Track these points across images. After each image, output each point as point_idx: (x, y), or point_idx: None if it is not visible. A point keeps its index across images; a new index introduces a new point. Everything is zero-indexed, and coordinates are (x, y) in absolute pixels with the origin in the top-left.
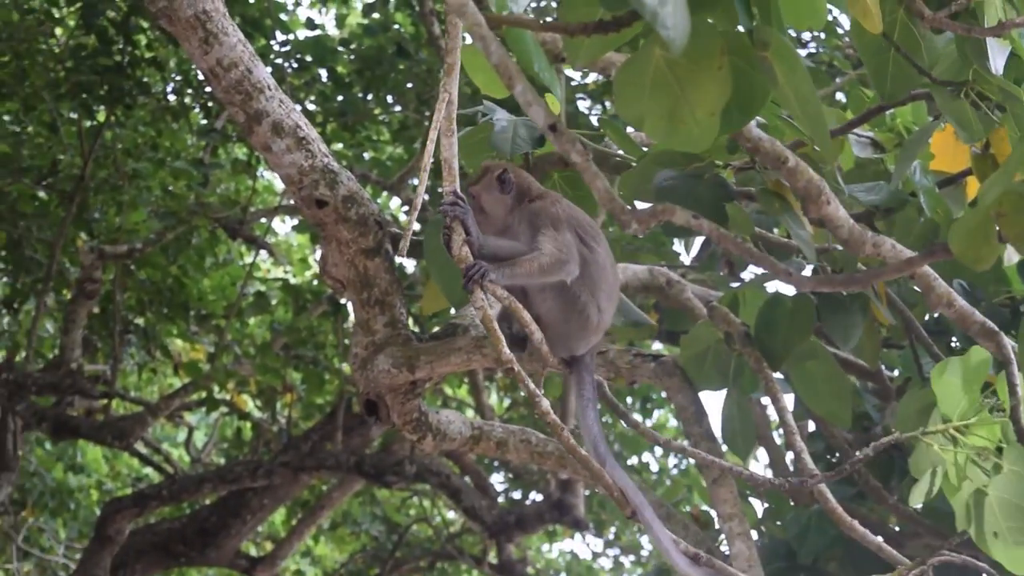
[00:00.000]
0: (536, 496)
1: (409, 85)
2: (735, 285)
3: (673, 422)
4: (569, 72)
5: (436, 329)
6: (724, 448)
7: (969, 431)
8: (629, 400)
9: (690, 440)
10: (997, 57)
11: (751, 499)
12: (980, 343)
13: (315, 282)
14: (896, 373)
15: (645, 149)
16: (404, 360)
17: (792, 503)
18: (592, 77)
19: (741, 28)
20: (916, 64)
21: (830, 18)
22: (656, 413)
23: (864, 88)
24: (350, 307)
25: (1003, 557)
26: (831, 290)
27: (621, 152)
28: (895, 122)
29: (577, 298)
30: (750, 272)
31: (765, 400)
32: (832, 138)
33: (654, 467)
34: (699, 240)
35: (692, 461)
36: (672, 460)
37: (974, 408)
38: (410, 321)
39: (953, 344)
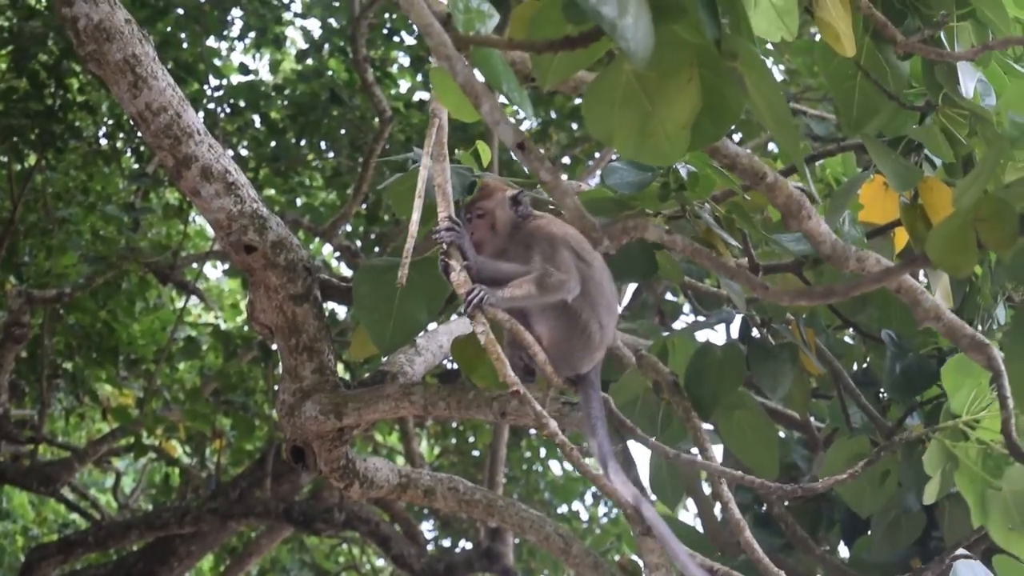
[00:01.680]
0: (466, 544)
1: (342, 131)
2: (664, 334)
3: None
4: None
5: (366, 376)
6: (653, 497)
7: (979, 426)
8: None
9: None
10: (967, 81)
11: None
12: (970, 356)
13: (245, 328)
14: (824, 424)
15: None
16: (331, 407)
17: (719, 553)
18: (527, 125)
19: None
20: (884, 89)
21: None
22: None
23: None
24: (279, 355)
25: (1021, 551)
26: (809, 303)
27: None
28: (824, 173)
29: (579, 316)
30: (681, 322)
31: (693, 450)
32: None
33: (584, 516)
34: (631, 288)
35: (619, 512)
36: (602, 509)
37: (983, 402)
38: (340, 367)
39: (880, 395)
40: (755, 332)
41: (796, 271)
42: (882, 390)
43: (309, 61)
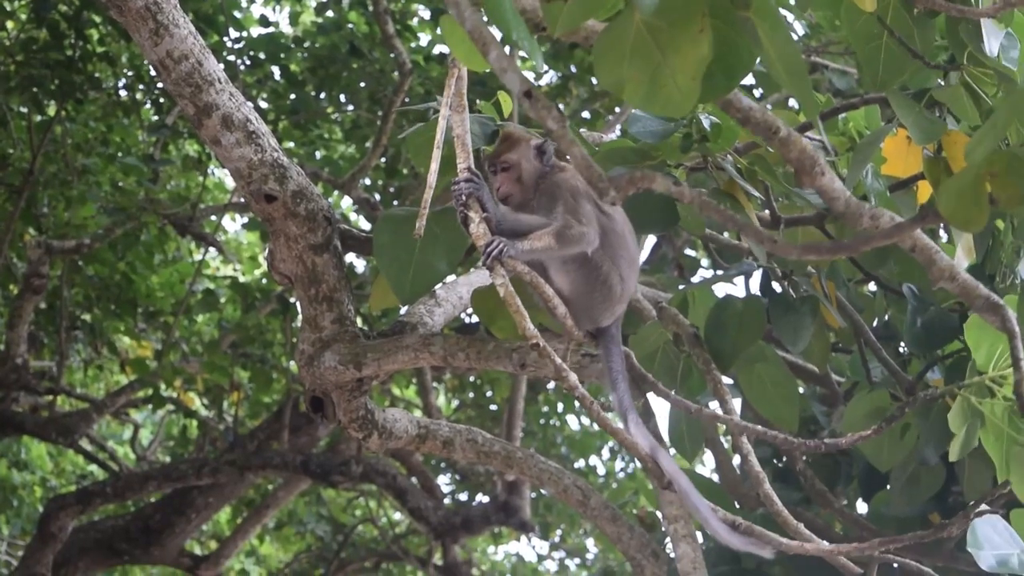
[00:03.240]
0: (483, 498)
1: (362, 84)
2: (683, 287)
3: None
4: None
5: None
6: (672, 451)
7: (1005, 382)
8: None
9: None
10: (992, 39)
11: None
12: (984, 317)
13: (264, 280)
14: (843, 379)
15: (596, 148)
16: (351, 357)
17: (737, 506)
18: (546, 80)
19: None
20: (911, 48)
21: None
22: None
23: (816, 93)
24: (299, 305)
25: None
26: (818, 258)
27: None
28: (847, 126)
29: (599, 268)
30: (700, 276)
31: (713, 403)
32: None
33: (601, 470)
34: (650, 241)
35: (638, 465)
36: (619, 464)
37: (1008, 360)
38: (358, 320)
39: (901, 349)
40: (775, 285)
41: (819, 224)
42: (902, 344)
43: (329, 13)
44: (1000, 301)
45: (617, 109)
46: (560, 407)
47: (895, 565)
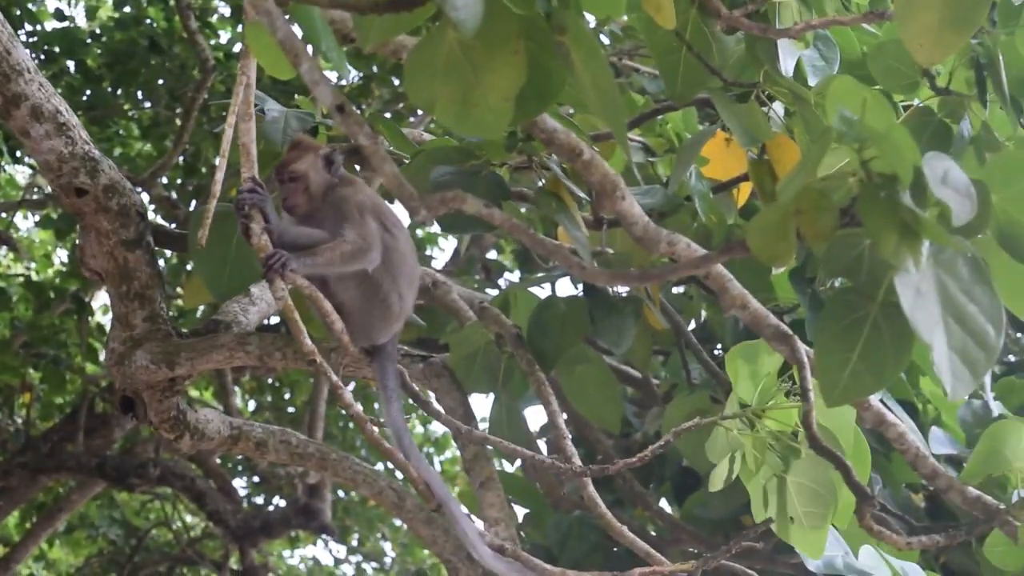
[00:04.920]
0: (280, 501)
1: (161, 81)
2: (492, 291)
3: (419, 428)
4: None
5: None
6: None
7: (766, 415)
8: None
9: (458, 443)
10: (787, 59)
11: (513, 505)
12: (773, 346)
13: (58, 279)
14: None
15: (418, 146)
16: (163, 356)
17: (554, 509)
18: (352, 77)
19: (539, 11)
20: (708, 64)
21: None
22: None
23: (634, 93)
24: (94, 304)
25: (800, 541)
26: (625, 284)
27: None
28: (665, 127)
29: (379, 286)
30: (505, 279)
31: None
32: (604, 141)
33: (400, 475)
34: (453, 243)
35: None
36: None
37: (770, 393)
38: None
39: (717, 352)
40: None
41: None
42: (718, 347)
43: (127, 8)
44: (789, 331)
45: (419, 111)
46: (359, 408)
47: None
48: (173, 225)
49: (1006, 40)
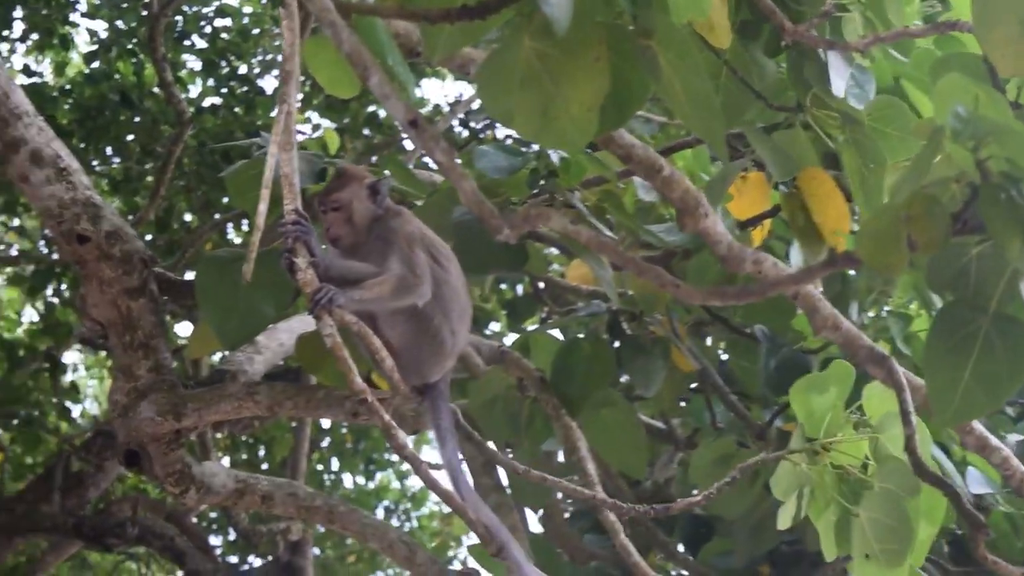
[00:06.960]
0: (254, 561)
1: (131, 137)
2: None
3: (396, 483)
4: None
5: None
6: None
7: (835, 449)
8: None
9: (479, 491)
10: (839, 79)
11: None
12: (868, 369)
13: (28, 338)
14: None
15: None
16: (169, 407)
17: (568, 559)
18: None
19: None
20: (752, 88)
21: None
22: (378, 475)
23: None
24: (66, 359)
25: None
26: (722, 303)
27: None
28: (677, 166)
29: (430, 321)
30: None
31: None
32: (619, 179)
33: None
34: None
35: (415, 523)
36: (395, 521)
37: (838, 425)
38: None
39: (738, 394)
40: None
41: (665, 263)
42: (740, 390)
43: (96, 64)
44: (885, 352)
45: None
46: (335, 464)
47: None
48: None
49: None
